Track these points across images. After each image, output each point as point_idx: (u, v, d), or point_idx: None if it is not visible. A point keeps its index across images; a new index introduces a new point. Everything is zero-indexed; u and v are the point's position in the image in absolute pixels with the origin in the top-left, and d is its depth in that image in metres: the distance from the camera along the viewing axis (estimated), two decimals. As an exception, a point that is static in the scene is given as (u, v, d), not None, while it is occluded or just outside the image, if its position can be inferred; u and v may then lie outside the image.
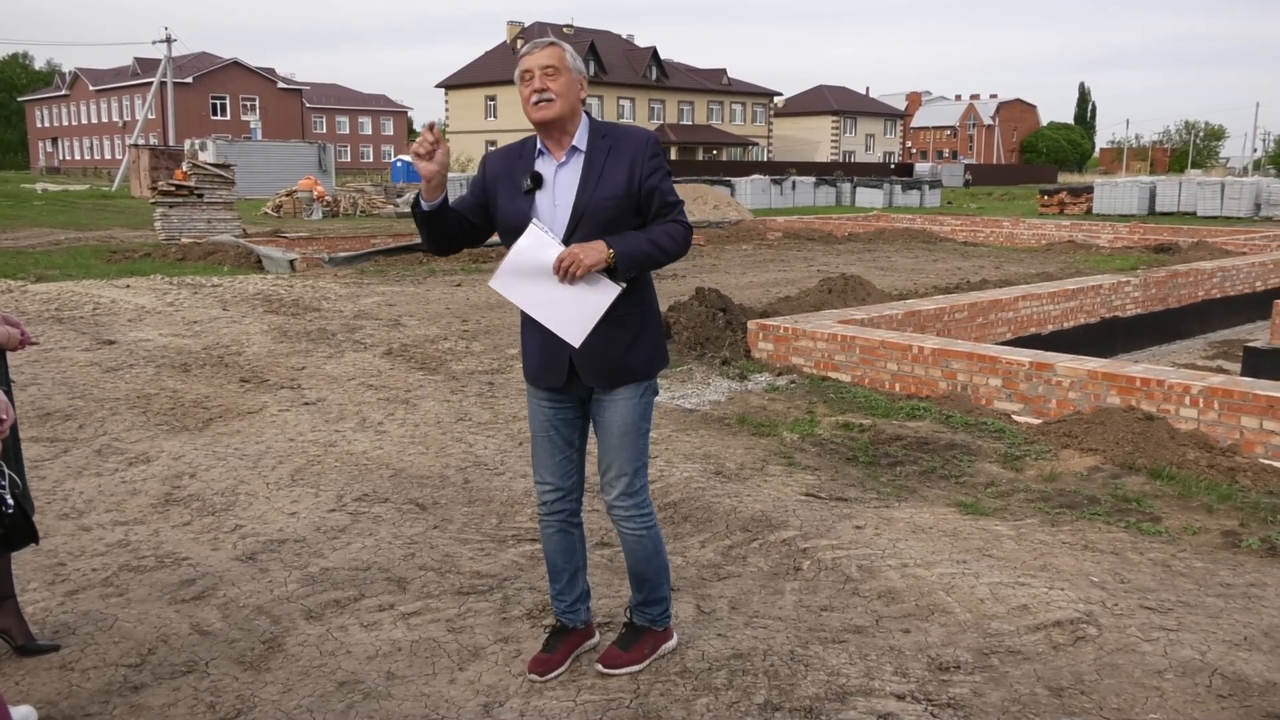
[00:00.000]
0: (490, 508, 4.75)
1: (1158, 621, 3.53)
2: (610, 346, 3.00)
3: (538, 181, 2.98)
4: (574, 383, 3.06)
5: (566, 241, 2.92)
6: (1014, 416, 6.44)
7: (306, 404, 6.74)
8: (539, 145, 3.04)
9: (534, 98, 2.94)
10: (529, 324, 3.03)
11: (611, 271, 2.89)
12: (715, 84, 74.96)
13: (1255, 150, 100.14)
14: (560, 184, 2.99)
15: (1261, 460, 5.34)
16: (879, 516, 4.58)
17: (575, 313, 2.90)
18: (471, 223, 3.11)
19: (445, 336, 9.22)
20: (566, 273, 2.85)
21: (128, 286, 12.38)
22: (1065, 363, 6.51)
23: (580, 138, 3.02)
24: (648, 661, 3.24)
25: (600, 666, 3.20)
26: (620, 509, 3.14)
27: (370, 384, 7.33)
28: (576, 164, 3.00)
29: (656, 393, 3.21)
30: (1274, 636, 3.42)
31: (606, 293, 2.90)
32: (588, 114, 3.08)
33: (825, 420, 6.28)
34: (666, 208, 3.02)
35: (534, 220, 2.92)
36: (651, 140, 3.05)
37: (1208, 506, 4.68)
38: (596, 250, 2.87)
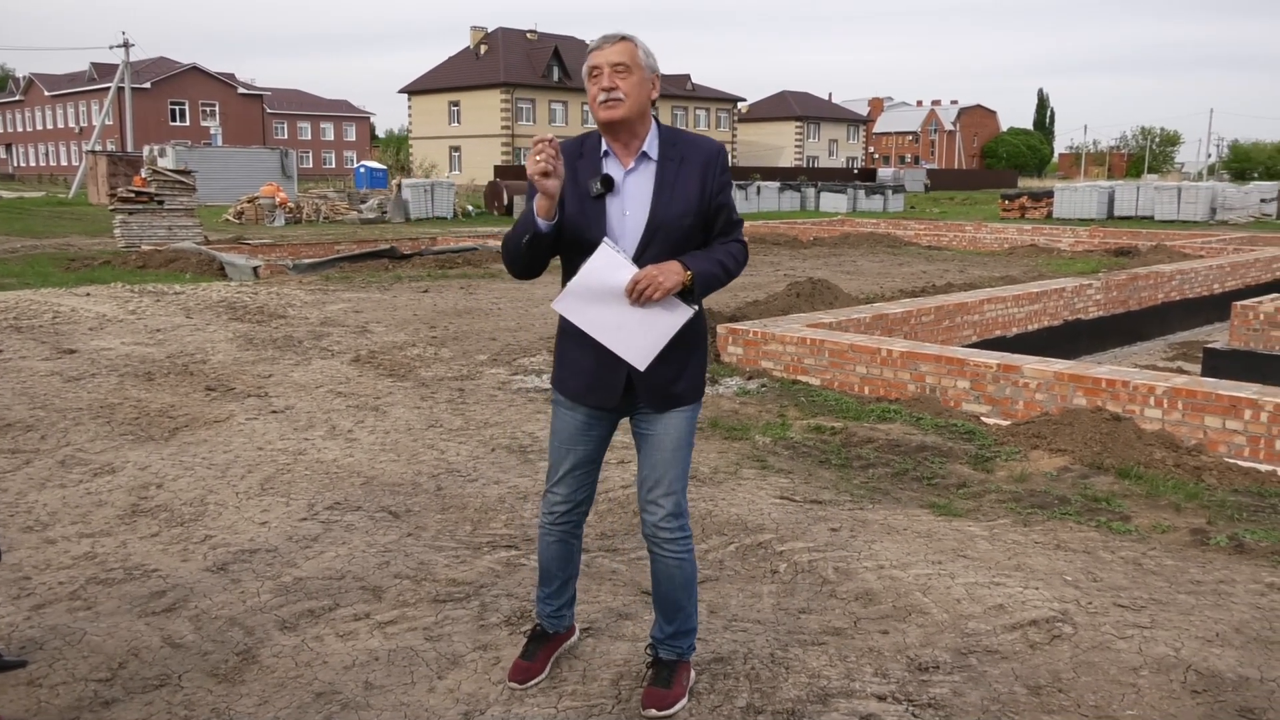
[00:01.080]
0: (464, 514, 4.72)
1: (1131, 619, 3.57)
2: (667, 368, 2.86)
3: (609, 185, 2.78)
4: (623, 402, 2.92)
5: (638, 259, 2.76)
6: (983, 418, 6.50)
7: (274, 412, 6.66)
8: (604, 146, 2.84)
9: (601, 96, 2.75)
10: (582, 342, 2.85)
11: (687, 294, 2.77)
12: (679, 89, 75.17)
13: (1210, 155, 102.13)
14: (629, 193, 2.81)
15: (1226, 459, 5.42)
16: (853, 519, 4.61)
17: (644, 336, 2.76)
18: (557, 239, 2.85)
19: (413, 343, 9.15)
20: (643, 295, 2.70)
21: (88, 295, 12.19)
22: (1032, 365, 6.58)
23: (650, 143, 2.85)
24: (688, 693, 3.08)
25: (653, 712, 2.97)
26: (666, 530, 2.97)
27: (339, 391, 7.26)
28: (648, 173, 2.83)
29: (700, 408, 3.11)
30: (1244, 632, 3.48)
31: (679, 315, 2.77)
32: (656, 119, 2.91)
33: (797, 424, 6.30)
34: (731, 226, 2.91)
35: (605, 240, 2.74)
36: (722, 153, 2.89)
37: (1175, 505, 4.75)
38: (675, 272, 2.72)
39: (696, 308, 2.81)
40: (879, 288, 13.87)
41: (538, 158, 2.63)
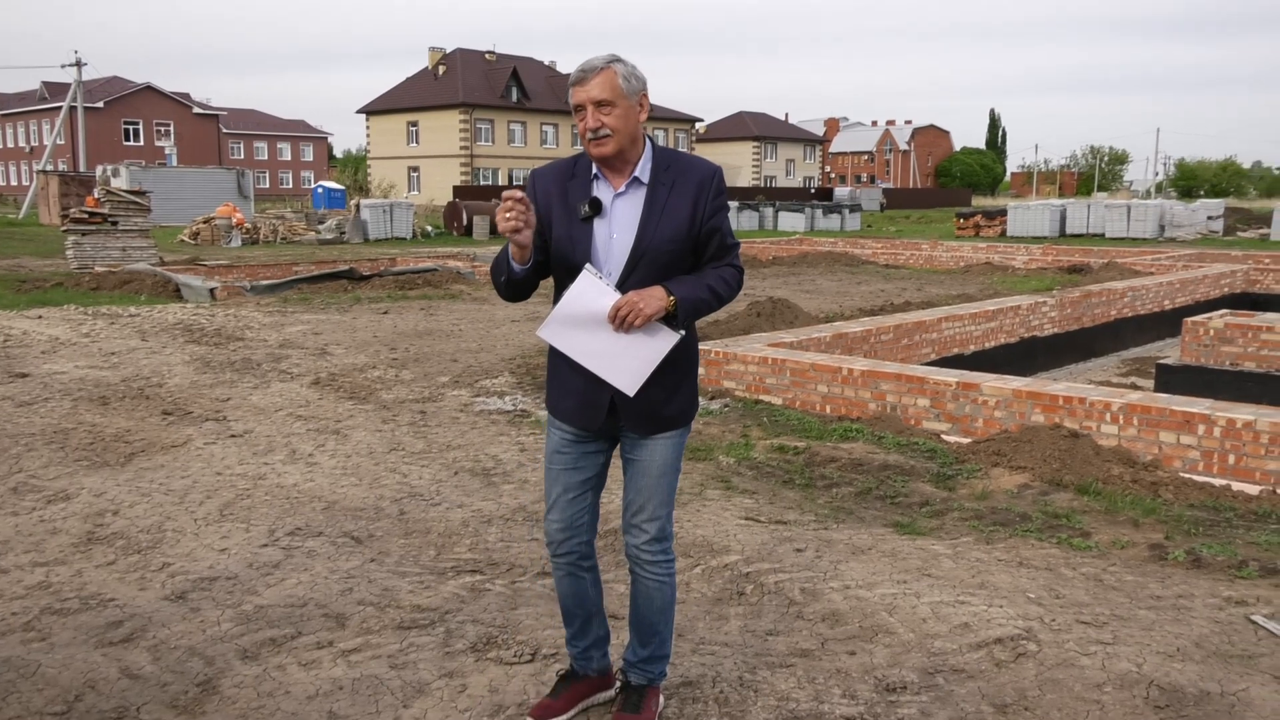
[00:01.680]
0: (428, 539, 4.67)
1: (1094, 636, 3.61)
2: (655, 392, 2.82)
3: (596, 208, 2.77)
4: (609, 424, 2.89)
5: (622, 283, 2.74)
6: (943, 436, 6.56)
7: (233, 436, 6.57)
8: (594, 169, 2.81)
9: (589, 135, 2.72)
10: (570, 364, 2.83)
11: (671, 319, 2.73)
12: (638, 110, 75.42)
13: (1157, 174, 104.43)
14: (618, 216, 2.78)
15: (1182, 474, 5.52)
16: (819, 539, 4.62)
17: (632, 363, 2.75)
18: (544, 264, 2.86)
19: (374, 365, 9.08)
20: (624, 322, 2.67)
21: (40, 317, 11.97)
22: (990, 382, 6.66)
23: (643, 168, 2.80)
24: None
25: None
26: (649, 553, 2.96)
27: (299, 414, 7.17)
28: (637, 196, 2.79)
29: (689, 432, 3.07)
30: (1204, 646, 3.53)
31: (665, 341, 2.75)
32: (651, 140, 2.85)
33: (760, 443, 6.32)
34: (724, 250, 2.84)
35: (587, 266, 2.73)
36: (718, 176, 2.84)
37: (1134, 521, 4.82)
38: (657, 298, 2.69)
39: (682, 333, 2.77)
40: (838, 306, 13.98)
41: (507, 215, 2.63)
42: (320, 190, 44.87)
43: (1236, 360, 9.52)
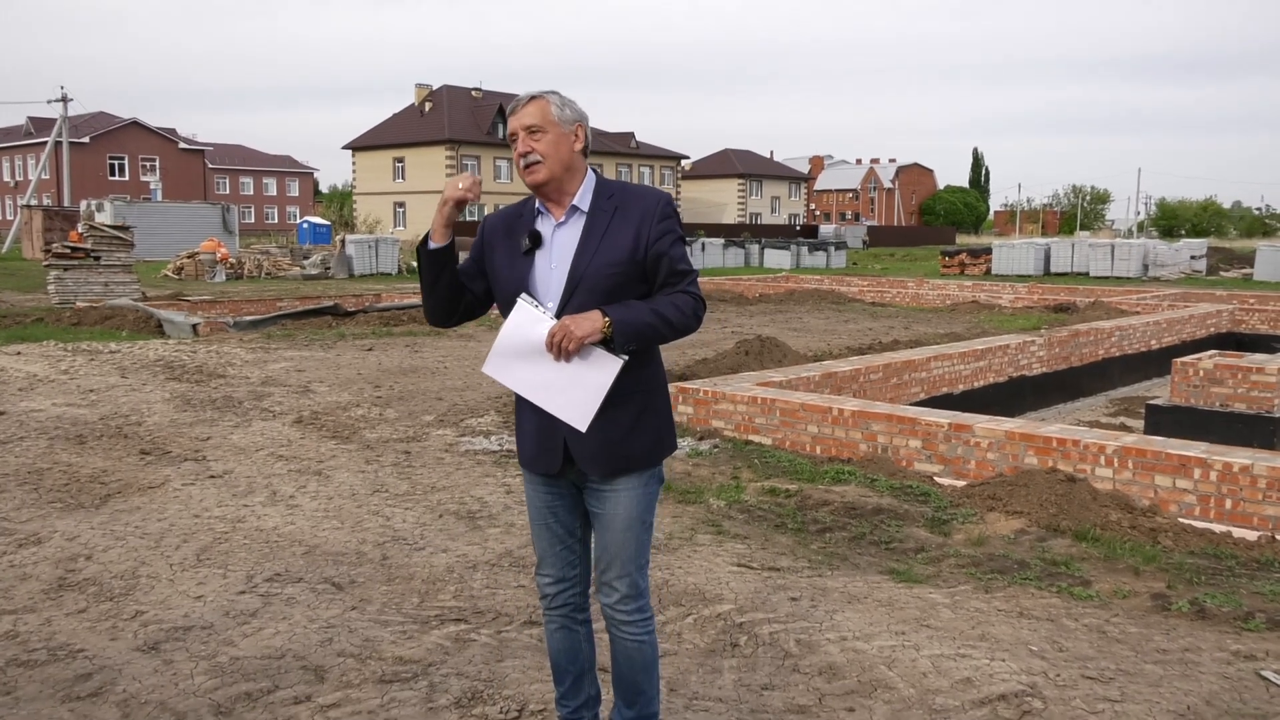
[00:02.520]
0: (411, 585, 4.53)
1: (1101, 692, 3.50)
2: (610, 429, 2.68)
3: (536, 241, 2.73)
4: (570, 469, 2.76)
5: (560, 312, 2.66)
6: (936, 478, 6.47)
7: (212, 477, 6.42)
8: (538, 204, 2.80)
9: (521, 162, 2.71)
10: (524, 404, 2.77)
11: (609, 343, 2.61)
12: (624, 147, 75.96)
13: (1139, 213, 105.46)
14: (558, 245, 2.74)
15: (1180, 520, 5.43)
16: (813, 587, 4.50)
17: (577, 394, 2.63)
18: (471, 290, 2.86)
19: (358, 403, 8.94)
20: (559, 348, 2.58)
21: (18, 354, 11.78)
22: (983, 424, 6.58)
23: (583, 196, 2.76)
24: None
25: None
26: (621, 613, 2.81)
27: (280, 454, 7.03)
28: (577, 224, 2.74)
29: (662, 481, 2.89)
30: (1216, 705, 3.42)
31: (608, 368, 2.62)
32: (596, 171, 2.84)
33: (751, 486, 6.21)
34: (675, 276, 2.72)
35: (522, 295, 2.67)
36: (663, 201, 2.76)
37: (1134, 569, 4.72)
38: (590, 320, 2.58)
39: (623, 359, 2.62)
40: (826, 345, 13.93)
41: (460, 184, 2.69)
42: (305, 225, 44.83)
43: (1227, 401, 9.48)
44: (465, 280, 2.86)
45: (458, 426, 8.02)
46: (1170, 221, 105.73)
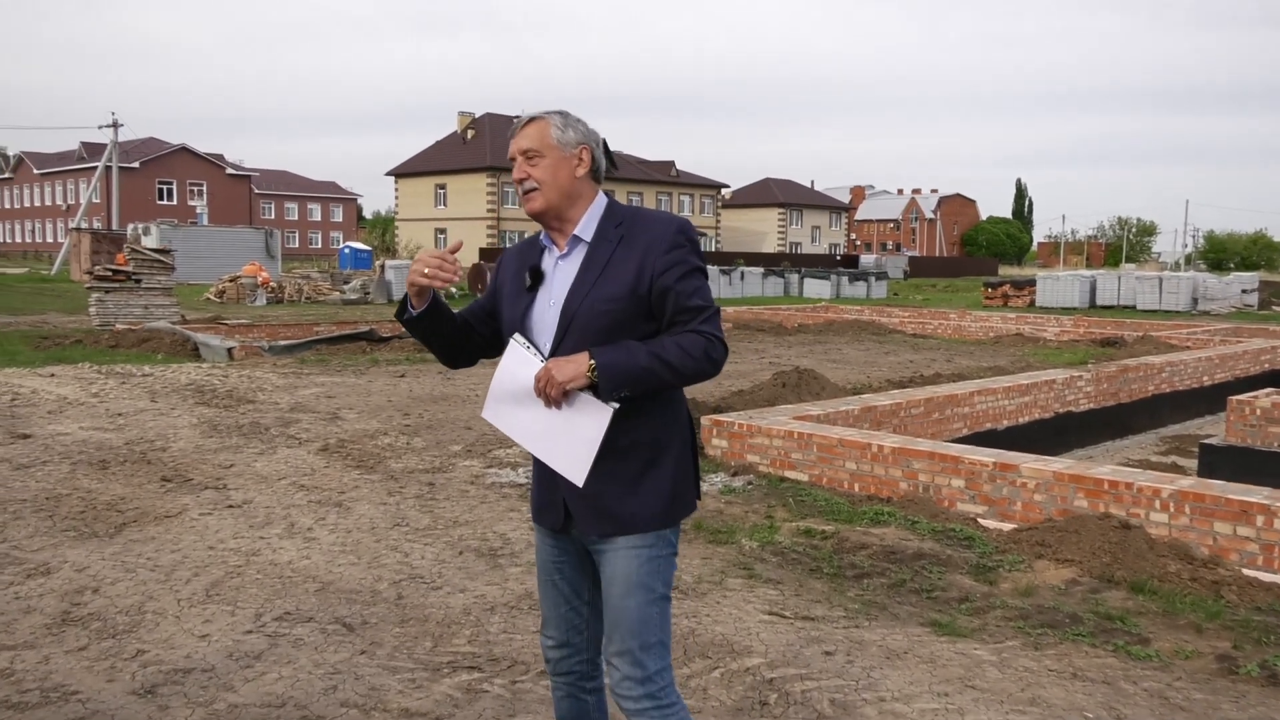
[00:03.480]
0: (425, 628, 4.32)
1: (1164, 767, 3.20)
2: (608, 484, 2.40)
3: (536, 277, 2.51)
4: (573, 525, 2.50)
5: (552, 353, 2.42)
6: (979, 520, 6.16)
7: (231, 506, 6.27)
8: (543, 235, 2.58)
9: (519, 189, 2.51)
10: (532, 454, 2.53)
11: (596, 389, 2.35)
12: (664, 175, 76.10)
13: (1186, 245, 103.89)
14: (557, 280, 2.49)
15: (1245, 572, 5.08)
16: (849, 639, 4.23)
17: (570, 444, 2.38)
18: (479, 332, 2.65)
19: (385, 431, 8.79)
20: (544, 394, 2.35)
21: (52, 375, 11.81)
22: (1030, 463, 6.28)
23: (586, 225, 2.50)
24: None
25: None
26: (626, 698, 2.44)
27: (302, 484, 6.87)
28: (578, 257, 2.49)
29: (673, 547, 2.52)
30: (1293, 785, 3.11)
31: (597, 417, 2.36)
32: (608, 197, 2.56)
33: (785, 526, 5.95)
34: (685, 313, 2.39)
35: (514, 336, 2.47)
36: (675, 229, 2.45)
37: (1196, 625, 4.39)
38: (574, 364, 2.33)
39: (614, 406, 2.35)
40: (866, 377, 13.61)
41: (424, 269, 2.42)
42: (347, 250, 45.16)
43: (1286, 442, 9.06)
44: (473, 323, 2.66)
45: (485, 457, 7.83)
46: (1218, 254, 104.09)
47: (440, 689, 3.71)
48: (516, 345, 2.46)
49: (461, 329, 2.64)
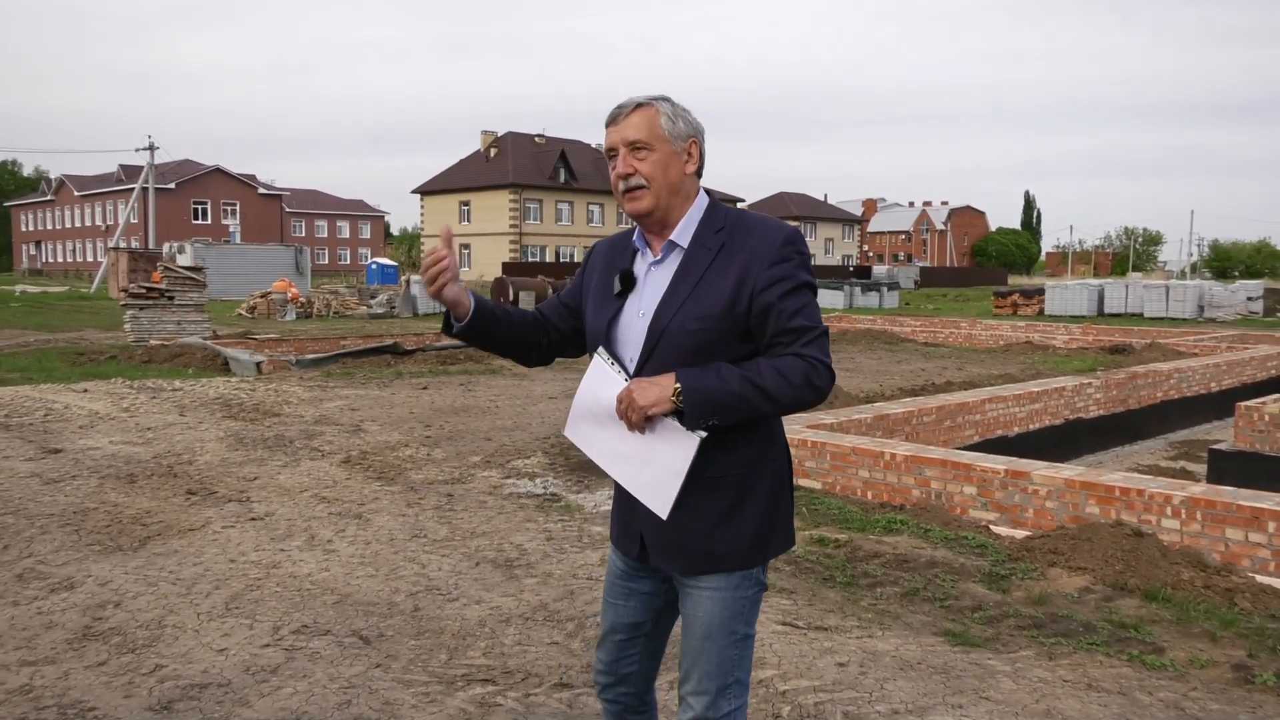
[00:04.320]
0: (440, 640, 4.36)
1: (1174, 777, 3.18)
2: (692, 519, 2.20)
3: (627, 282, 2.28)
4: (644, 554, 2.33)
5: (638, 371, 2.23)
6: (991, 527, 6.15)
7: (253, 519, 6.35)
8: (636, 235, 2.37)
9: (620, 185, 2.25)
10: None
11: (681, 415, 2.14)
12: (684, 188, 76.17)
13: (1191, 255, 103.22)
14: (649, 288, 2.28)
15: (1258, 579, 5.05)
16: (862, 649, 4.23)
17: (655, 472, 2.19)
18: (556, 328, 2.46)
19: (407, 443, 8.87)
20: (626, 417, 2.17)
21: (85, 391, 11.98)
22: (1041, 470, 6.26)
23: (684, 229, 2.27)
24: None
25: None
26: None
27: (323, 496, 6.95)
28: (673, 264, 2.27)
29: (764, 586, 2.34)
30: (1303, 795, 3.09)
31: (683, 447, 2.15)
32: (710, 195, 2.33)
33: (799, 534, 5.95)
34: (786, 335, 2.15)
35: (599, 349, 2.28)
36: (783, 238, 2.21)
37: (1210, 634, 4.36)
38: (659, 387, 2.13)
39: (701, 434, 2.14)
40: (879, 385, 13.58)
41: (428, 271, 2.27)
42: (374, 266, 45.60)
43: (1296, 447, 8.97)
44: (549, 318, 2.48)
45: (504, 468, 7.88)
46: (1223, 263, 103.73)
47: (454, 703, 3.74)
48: (600, 360, 2.28)
49: (531, 327, 2.46)
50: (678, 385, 2.12)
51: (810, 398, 2.15)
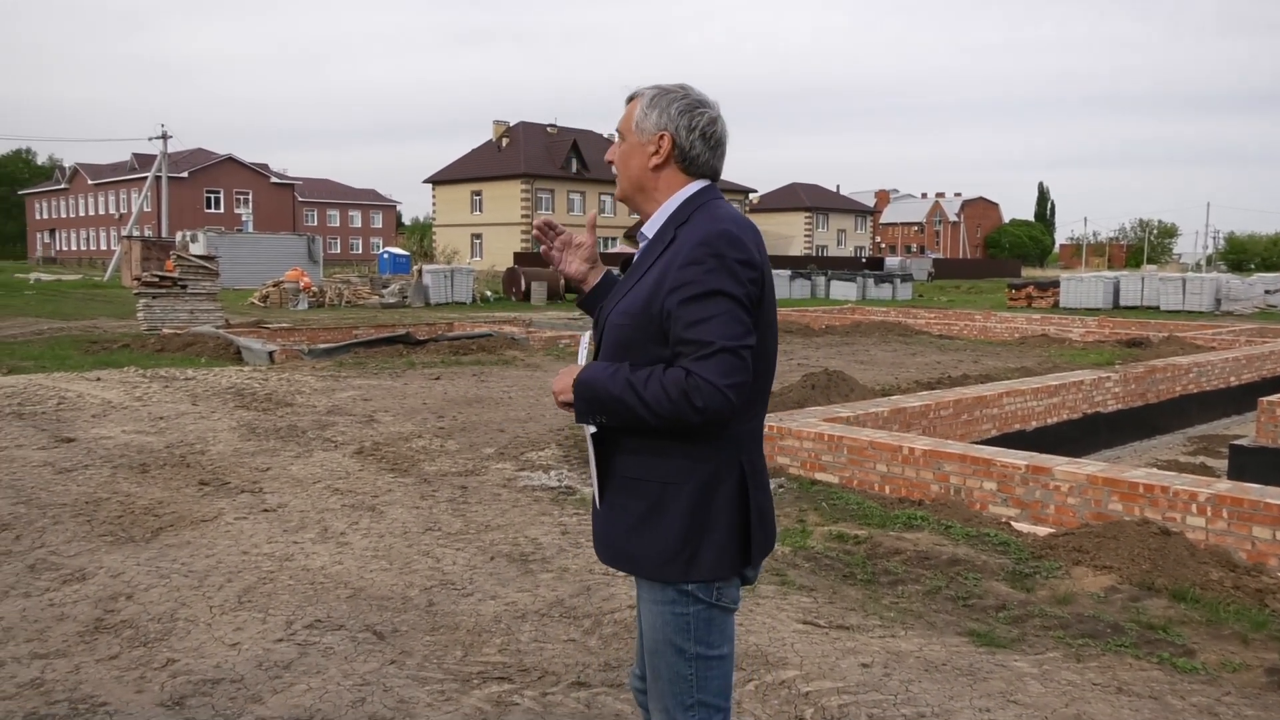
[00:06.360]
0: (455, 636, 4.30)
1: (1211, 786, 3.10)
2: (617, 514, 2.21)
3: (625, 269, 2.35)
4: None
5: (595, 359, 2.27)
6: (1012, 523, 6.06)
7: (266, 510, 6.29)
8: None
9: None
10: None
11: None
12: (695, 179, 75.95)
13: (1206, 247, 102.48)
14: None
15: (1291, 580, 4.94)
16: (886, 650, 4.15)
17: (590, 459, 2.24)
18: None
19: (420, 434, 8.81)
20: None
21: (98, 379, 11.95)
22: (1063, 466, 6.16)
23: (654, 222, 2.24)
24: None
25: None
26: None
27: (336, 487, 6.89)
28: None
29: (719, 607, 2.20)
30: (1346, 806, 3.00)
31: (590, 437, 2.21)
32: (711, 189, 2.27)
33: (818, 530, 5.87)
34: (683, 345, 2.05)
35: (586, 331, 2.35)
36: (701, 237, 2.10)
37: (1242, 636, 4.27)
38: (569, 376, 2.16)
39: (590, 428, 2.14)
40: (894, 378, 13.47)
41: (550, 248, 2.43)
42: (386, 256, 45.58)
43: (1322, 444, 8.83)
44: None
45: (517, 460, 7.81)
46: (1239, 255, 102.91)
47: (470, 701, 3.68)
48: (582, 343, 2.33)
49: None
50: (574, 376, 2.15)
51: (692, 418, 2.02)
